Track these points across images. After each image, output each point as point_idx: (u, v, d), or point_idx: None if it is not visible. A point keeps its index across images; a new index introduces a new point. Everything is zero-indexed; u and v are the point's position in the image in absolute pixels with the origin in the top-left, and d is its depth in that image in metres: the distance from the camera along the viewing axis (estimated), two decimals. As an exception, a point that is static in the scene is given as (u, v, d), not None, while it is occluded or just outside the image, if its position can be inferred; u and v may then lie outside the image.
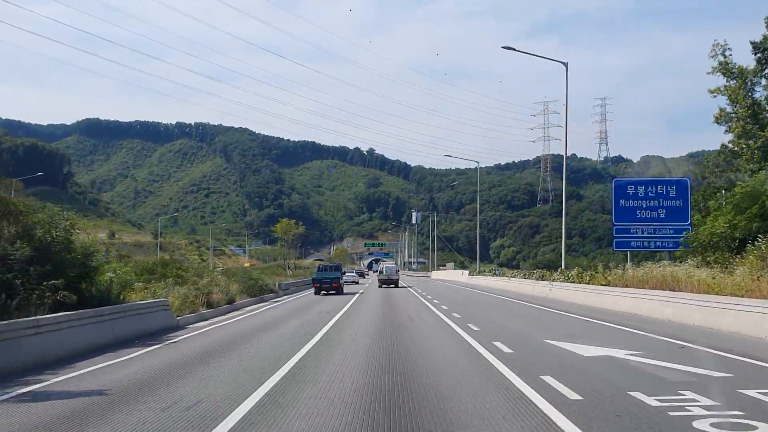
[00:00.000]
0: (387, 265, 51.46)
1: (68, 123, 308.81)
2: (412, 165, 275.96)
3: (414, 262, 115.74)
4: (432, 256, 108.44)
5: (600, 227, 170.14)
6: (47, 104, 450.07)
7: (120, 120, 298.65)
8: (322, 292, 36.57)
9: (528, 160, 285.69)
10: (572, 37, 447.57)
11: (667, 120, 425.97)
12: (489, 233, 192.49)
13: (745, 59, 48.87)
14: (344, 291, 38.94)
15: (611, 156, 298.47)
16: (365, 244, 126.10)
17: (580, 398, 7.62)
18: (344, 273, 48.03)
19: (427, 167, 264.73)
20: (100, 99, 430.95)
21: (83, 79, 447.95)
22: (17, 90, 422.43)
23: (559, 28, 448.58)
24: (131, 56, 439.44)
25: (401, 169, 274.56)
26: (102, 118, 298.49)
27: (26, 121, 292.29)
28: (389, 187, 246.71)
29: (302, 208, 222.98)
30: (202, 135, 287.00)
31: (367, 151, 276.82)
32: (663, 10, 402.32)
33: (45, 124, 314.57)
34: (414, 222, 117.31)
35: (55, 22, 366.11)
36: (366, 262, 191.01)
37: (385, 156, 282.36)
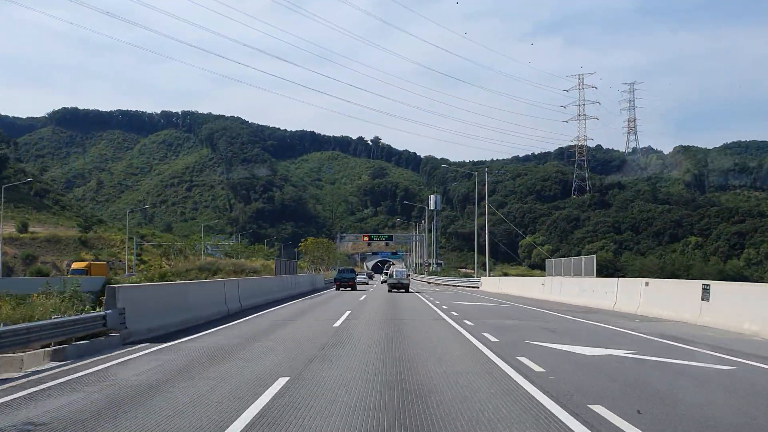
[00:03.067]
0: (397, 268, 44.30)
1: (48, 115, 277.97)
2: (422, 156, 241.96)
3: (433, 263, 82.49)
4: (474, 258, 75.07)
5: (658, 219, 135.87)
6: (31, 99, 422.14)
7: (100, 109, 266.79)
8: (341, 288, 41.30)
9: (549, 152, 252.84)
10: (576, 36, 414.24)
11: (674, 119, 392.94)
12: (516, 228, 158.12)
13: None
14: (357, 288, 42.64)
15: (640, 147, 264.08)
16: (370, 236, 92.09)
17: None
18: (357, 275, 52.29)
19: (439, 158, 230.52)
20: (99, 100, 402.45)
21: (82, 83, 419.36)
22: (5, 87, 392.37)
23: (563, 28, 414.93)
24: (129, 61, 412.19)
25: (410, 161, 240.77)
26: (81, 107, 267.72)
27: (3, 113, 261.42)
28: (396, 178, 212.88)
29: (297, 203, 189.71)
30: (190, 125, 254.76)
31: (371, 140, 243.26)
32: (667, 8, 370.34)
33: (24, 117, 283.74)
34: (433, 208, 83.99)
35: (56, 24, 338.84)
36: (370, 263, 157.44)
37: (392, 147, 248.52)
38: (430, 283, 67.41)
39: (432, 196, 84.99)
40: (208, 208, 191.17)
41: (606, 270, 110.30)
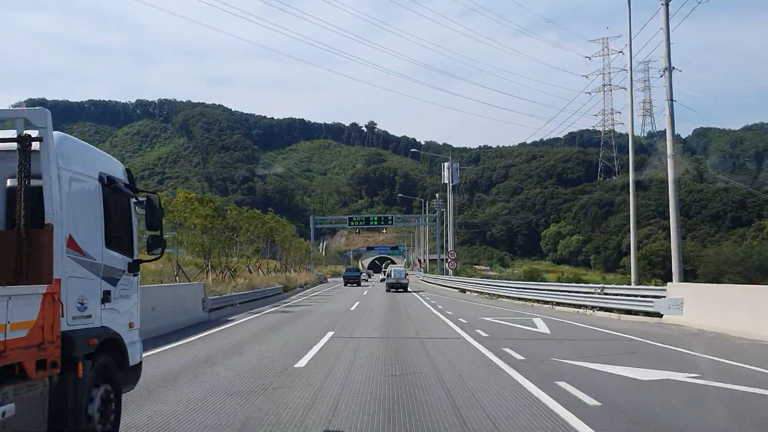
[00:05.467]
0: (395, 268, 44.91)
1: (12, 107, 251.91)
2: (422, 142, 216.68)
3: (450, 259, 56.89)
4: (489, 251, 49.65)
5: (714, 200, 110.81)
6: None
7: (70, 100, 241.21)
8: (348, 284, 50.93)
9: (559, 138, 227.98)
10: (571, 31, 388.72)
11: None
12: (537, 217, 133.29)
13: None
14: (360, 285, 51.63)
15: (656, 130, 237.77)
16: (352, 219, 64.43)
17: None
18: (361, 273, 62.60)
19: (441, 143, 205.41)
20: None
21: (78, 87, 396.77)
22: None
23: (558, 23, 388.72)
24: (123, 65, 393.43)
25: (409, 148, 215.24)
26: (49, 98, 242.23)
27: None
28: (395, 165, 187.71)
29: (281, 194, 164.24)
30: (168, 115, 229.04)
31: (366, 126, 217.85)
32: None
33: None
34: (449, 180, 58.87)
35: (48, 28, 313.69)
36: (366, 261, 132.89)
37: (389, 133, 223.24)
38: (482, 293, 34.03)
39: (446, 163, 59.96)
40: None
41: (664, 264, 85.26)
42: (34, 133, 4.41)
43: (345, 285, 51.06)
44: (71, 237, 4.62)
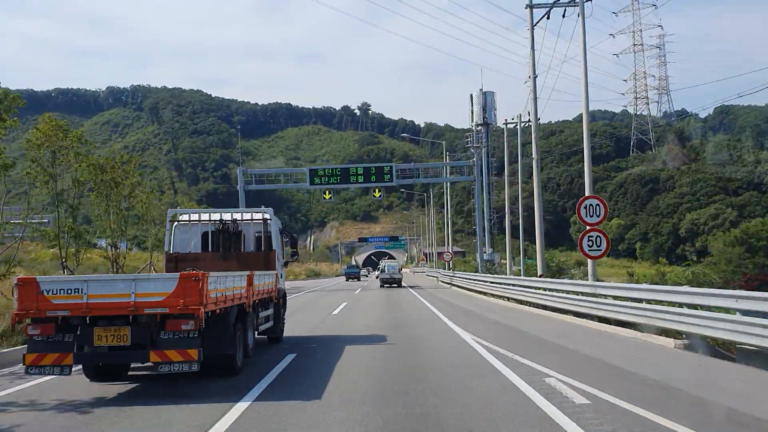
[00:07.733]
0: (388, 263, 43.65)
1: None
2: (422, 124, 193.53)
3: (489, 252, 32.80)
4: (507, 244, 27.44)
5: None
6: None
7: (35, 89, 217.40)
8: (349, 279, 57.06)
9: (567, 120, 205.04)
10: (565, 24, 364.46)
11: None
12: (562, 200, 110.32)
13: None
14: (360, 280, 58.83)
15: (674, 110, 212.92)
16: (320, 171, 38.12)
17: None
18: (360, 270, 69.27)
19: (442, 124, 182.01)
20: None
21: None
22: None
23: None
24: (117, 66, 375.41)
25: (407, 131, 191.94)
26: (13, 87, 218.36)
27: None
28: (392, 146, 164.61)
29: (262, 183, 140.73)
30: (141, 103, 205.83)
31: (359, 107, 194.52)
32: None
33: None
34: (481, 120, 36.55)
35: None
36: (360, 257, 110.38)
37: (384, 115, 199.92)
38: None
39: (475, 92, 37.20)
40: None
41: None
42: (267, 215, 11.91)
43: (347, 280, 56.71)
44: (277, 254, 11.88)
